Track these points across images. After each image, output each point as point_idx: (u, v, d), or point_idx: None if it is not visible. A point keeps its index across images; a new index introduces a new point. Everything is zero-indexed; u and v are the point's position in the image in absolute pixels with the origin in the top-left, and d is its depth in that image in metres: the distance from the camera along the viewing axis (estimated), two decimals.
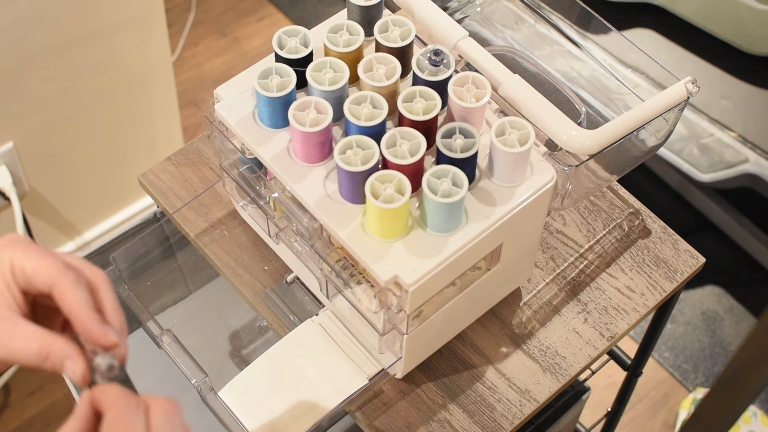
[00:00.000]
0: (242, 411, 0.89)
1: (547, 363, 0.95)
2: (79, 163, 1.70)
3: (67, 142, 1.63)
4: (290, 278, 1.00)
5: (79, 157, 1.68)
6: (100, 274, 0.62)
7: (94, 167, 1.74)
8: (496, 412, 0.92)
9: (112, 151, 1.74)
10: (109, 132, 1.70)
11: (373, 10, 0.91)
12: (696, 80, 0.91)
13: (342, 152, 0.80)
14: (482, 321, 0.97)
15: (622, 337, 0.97)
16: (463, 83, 0.84)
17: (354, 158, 0.79)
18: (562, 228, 1.04)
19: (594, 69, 1.00)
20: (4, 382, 1.78)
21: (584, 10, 1.00)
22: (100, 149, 1.72)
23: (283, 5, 2.43)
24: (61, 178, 1.69)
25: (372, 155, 0.79)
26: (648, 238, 1.04)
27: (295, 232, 0.87)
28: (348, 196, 0.81)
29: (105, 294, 0.62)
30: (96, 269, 0.62)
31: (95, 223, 1.86)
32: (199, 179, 1.07)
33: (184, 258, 1.22)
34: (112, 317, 0.61)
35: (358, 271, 0.83)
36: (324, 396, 0.90)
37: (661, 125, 0.93)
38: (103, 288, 0.62)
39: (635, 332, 1.88)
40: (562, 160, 0.87)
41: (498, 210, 0.82)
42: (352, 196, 0.81)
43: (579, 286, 1.00)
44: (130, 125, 1.73)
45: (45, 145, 1.61)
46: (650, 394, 1.86)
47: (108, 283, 0.62)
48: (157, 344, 0.92)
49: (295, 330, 0.94)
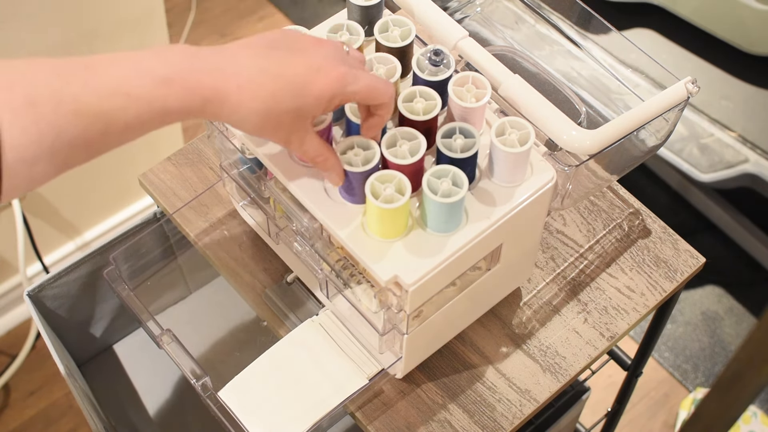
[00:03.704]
0: (242, 411, 0.89)
1: (547, 363, 0.95)
2: None
3: None
4: (290, 278, 1.00)
5: None
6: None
7: (94, 167, 1.72)
8: (496, 412, 0.92)
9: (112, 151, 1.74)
10: None
11: (373, 10, 0.91)
12: (696, 80, 0.91)
13: (343, 152, 0.80)
14: (482, 321, 0.97)
15: (622, 337, 0.97)
16: (463, 83, 0.84)
17: (355, 158, 0.79)
18: (562, 228, 1.04)
19: (594, 69, 1.00)
20: (4, 382, 1.78)
21: (584, 10, 1.00)
22: None
23: (283, 5, 2.43)
24: (61, 178, 1.67)
25: (373, 155, 0.79)
26: (648, 238, 1.04)
27: (295, 232, 0.87)
28: (348, 196, 0.81)
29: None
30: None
31: (95, 223, 1.86)
32: (199, 179, 1.07)
33: (184, 258, 1.22)
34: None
35: (358, 271, 0.83)
36: (324, 396, 0.90)
37: (661, 125, 0.93)
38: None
39: (635, 332, 1.88)
40: (562, 160, 0.87)
41: (498, 210, 0.82)
42: (352, 197, 0.81)
43: (579, 286, 1.00)
44: None
45: None
46: (650, 394, 1.86)
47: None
48: (157, 344, 0.92)
49: (295, 330, 0.94)
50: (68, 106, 0.64)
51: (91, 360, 1.31)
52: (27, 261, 1.73)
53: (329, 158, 0.77)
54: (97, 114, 0.65)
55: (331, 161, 0.78)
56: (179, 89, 0.68)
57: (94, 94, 0.65)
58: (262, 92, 0.71)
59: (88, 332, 1.28)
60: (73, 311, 1.23)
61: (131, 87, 0.66)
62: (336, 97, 0.73)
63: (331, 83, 0.73)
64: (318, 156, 0.77)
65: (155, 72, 0.67)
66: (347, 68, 0.74)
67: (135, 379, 1.29)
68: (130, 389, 1.28)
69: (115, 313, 1.28)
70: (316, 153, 0.77)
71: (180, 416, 1.26)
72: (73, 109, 0.64)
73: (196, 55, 0.70)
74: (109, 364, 1.31)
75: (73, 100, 0.64)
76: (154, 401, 1.27)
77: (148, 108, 0.67)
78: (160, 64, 0.68)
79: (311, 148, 0.76)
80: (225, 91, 0.70)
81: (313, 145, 0.76)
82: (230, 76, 0.70)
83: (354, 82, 0.74)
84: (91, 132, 0.66)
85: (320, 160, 0.77)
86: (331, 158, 0.77)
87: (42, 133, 0.63)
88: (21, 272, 1.67)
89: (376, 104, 0.77)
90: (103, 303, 1.26)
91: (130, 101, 0.66)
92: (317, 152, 0.77)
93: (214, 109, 0.70)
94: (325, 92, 0.73)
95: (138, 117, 0.67)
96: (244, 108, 0.71)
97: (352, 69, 0.74)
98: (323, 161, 0.77)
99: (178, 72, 0.68)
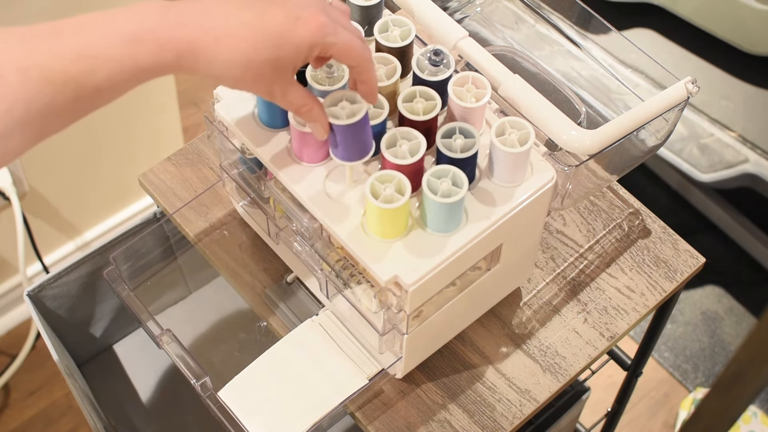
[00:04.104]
0: (242, 411, 0.89)
1: (547, 363, 0.95)
2: (79, 163, 1.70)
3: (67, 142, 1.63)
4: (290, 278, 1.00)
5: (79, 157, 1.68)
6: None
7: (94, 167, 1.74)
8: (496, 412, 0.92)
9: (112, 151, 1.74)
10: (109, 132, 1.70)
11: (373, 10, 0.91)
12: (696, 80, 0.91)
13: (331, 105, 0.78)
14: (482, 321, 0.97)
15: (622, 337, 0.97)
16: (463, 83, 0.84)
17: (341, 112, 0.78)
18: (562, 228, 1.04)
19: (594, 69, 1.00)
20: (4, 382, 1.78)
21: (584, 10, 1.00)
22: (100, 149, 1.72)
23: None
24: (61, 178, 1.68)
25: (359, 109, 0.78)
26: (648, 238, 1.04)
27: (295, 232, 0.87)
28: (334, 150, 0.80)
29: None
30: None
31: (95, 223, 1.86)
32: (199, 179, 1.07)
33: (184, 258, 1.22)
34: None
35: (358, 271, 0.83)
36: (324, 396, 0.90)
37: (661, 125, 0.93)
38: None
39: (635, 332, 1.88)
40: (562, 160, 0.87)
41: (498, 210, 0.82)
42: (336, 151, 0.80)
43: (579, 286, 1.00)
44: (130, 125, 1.73)
45: (45, 145, 1.60)
46: (650, 394, 1.86)
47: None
48: (157, 344, 0.92)
49: (295, 330, 0.94)
50: (35, 73, 0.63)
51: (91, 360, 1.31)
52: (27, 261, 1.73)
53: (313, 108, 0.76)
54: (65, 80, 0.64)
55: (316, 111, 0.76)
56: (150, 45, 0.67)
57: (60, 59, 0.64)
58: (241, 44, 0.70)
59: (88, 332, 1.28)
60: (73, 311, 1.23)
61: (99, 48, 0.65)
62: (316, 47, 0.72)
63: (311, 32, 0.71)
64: (302, 106, 0.75)
65: (124, 30, 0.66)
66: (327, 18, 0.72)
67: (135, 379, 1.29)
68: (130, 389, 1.28)
69: (115, 313, 1.28)
70: (300, 103, 0.75)
71: (180, 416, 1.26)
72: (41, 76, 0.63)
73: (169, 9, 0.68)
74: (109, 364, 1.31)
75: (41, 67, 0.63)
76: (154, 401, 1.27)
77: (119, 68, 0.66)
78: (129, 22, 0.67)
79: (295, 99, 0.75)
80: (201, 44, 0.68)
81: (298, 96, 0.75)
82: (207, 30, 0.69)
83: (333, 34, 0.72)
84: (62, 98, 0.65)
85: (305, 111, 0.76)
86: (315, 108, 0.76)
87: (12, 105, 0.62)
88: (21, 272, 1.67)
89: (354, 67, 0.76)
90: (103, 303, 1.26)
91: (98, 63, 0.65)
92: (301, 102, 0.75)
93: (189, 62, 0.69)
94: (305, 41, 0.71)
95: (109, 78, 0.66)
96: (221, 60, 0.70)
97: (332, 21, 0.73)
98: (308, 111, 0.76)
99: (149, 28, 0.67)
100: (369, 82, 0.76)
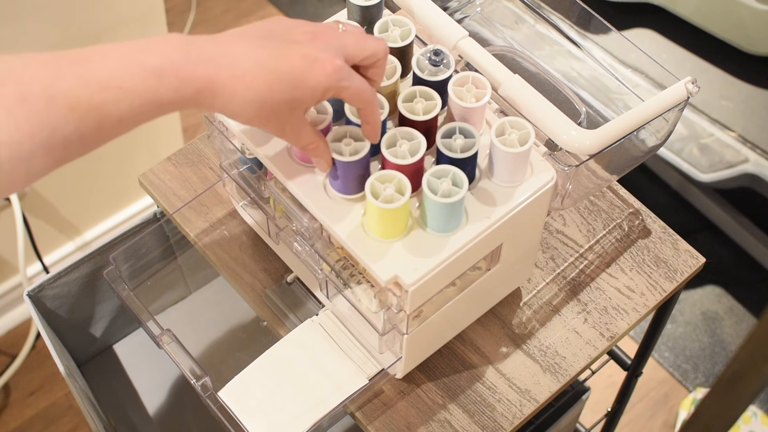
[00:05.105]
0: (242, 411, 0.89)
1: (547, 363, 0.95)
2: (79, 163, 1.69)
3: None
4: (290, 278, 1.00)
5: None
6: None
7: (94, 167, 1.74)
8: (496, 412, 0.92)
9: (112, 151, 1.74)
10: None
11: (373, 10, 0.91)
12: (696, 80, 0.91)
13: (336, 140, 0.80)
14: (482, 321, 0.97)
15: (622, 337, 0.97)
16: (463, 83, 0.84)
17: (345, 148, 0.79)
18: (562, 228, 1.04)
19: (594, 69, 1.00)
20: (4, 382, 1.78)
21: (584, 10, 1.00)
22: (100, 149, 1.71)
23: (283, 5, 2.43)
24: (61, 178, 1.68)
25: (362, 147, 0.79)
26: (648, 238, 1.04)
27: (295, 232, 0.87)
28: (334, 182, 0.81)
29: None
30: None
31: (95, 223, 1.86)
32: (199, 179, 1.07)
33: (184, 258, 1.22)
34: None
35: (358, 271, 0.83)
36: (324, 396, 0.90)
37: (661, 125, 0.93)
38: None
39: (635, 332, 1.88)
40: (562, 160, 0.87)
41: (498, 210, 0.82)
42: (337, 184, 0.81)
43: (579, 286, 1.00)
44: None
45: None
46: (650, 394, 1.86)
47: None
48: (157, 344, 0.92)
49: (295, 330, 0.94)
50: (61, 101, 0.64)
51: (91, 360, 1.31)
52: (27, 261, 1.73)
53: (320, 146, 0.78)
54: (90, 108, 0.65)
55: (322, 148, 0.79)
56: (172, 80, 0.68)
57: (86, 88, 0.65)
58: (257, 83, 0.71)
59: (88, 332, 1.28)
60: (73, 311, 1.23)
61: (123, 80, 0.66)
62: (330, 90, 0.74)
63: (327, 76, 0.73)
64: (310, 144, 0.78)
65: (147, 63, 0.67)
66: (342, 63, 0.74)
67: (135, 379, 1.29)
68: (130, 389, 1.28)
69: (115, 313, 1.28)
70: (308, 141, 0.77)
71: (180, 416, 1.26)
72: (66, 103, 0.64)
73: (191, 45, 0.69)
74: (109, 364, 1.31)
75: (66, 95, 0.64)
76: (154, 401, 1.27)
77: (141, 100, 0.67)
78: (152, 55, 0.68)
79: (305, 138, 0.77)
80: (219, 81, 0.70)
81: (307, 135, 0.77)
82: (225, 67, 0.70)
83: (348, 78, 0.74)
84: (85, 126, 0.65)
85: (311, 147, 0.78)
86: (322, 145, 0.79)
87: (36, 129, 0.63)
88: (21, 272, 1.67)
89: (362, 109, 0.77)
90: (103, 303, 1.26)
91: (123, 94, 0.66)
92: (309, 140, 0.77)
93: (207, 99, 0.70)
94: (320, 84, 0.73)
95: (131, 110, 0.67)
96: (239, 98, 0.71)
97: (346, 66, 0.74)
98: (314, 148, 0.78)
99: (171, 63, 0.68)
100: (374, 123, 0.78)
